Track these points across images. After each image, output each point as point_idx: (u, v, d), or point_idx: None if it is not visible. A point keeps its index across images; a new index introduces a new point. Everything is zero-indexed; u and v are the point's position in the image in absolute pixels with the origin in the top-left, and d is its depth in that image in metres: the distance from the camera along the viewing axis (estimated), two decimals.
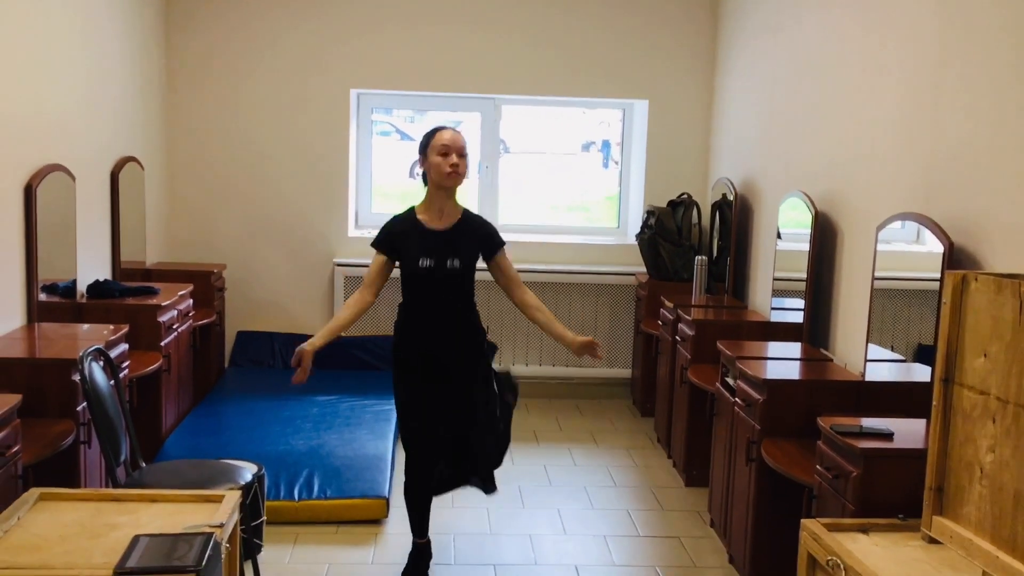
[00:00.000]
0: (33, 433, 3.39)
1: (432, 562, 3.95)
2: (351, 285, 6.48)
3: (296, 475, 4.55)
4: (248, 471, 3.62)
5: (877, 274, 3.87)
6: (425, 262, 3.60)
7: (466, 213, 3.74)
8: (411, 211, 3.73)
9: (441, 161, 3.59)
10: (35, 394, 3.51)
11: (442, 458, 3.82)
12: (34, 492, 2.86)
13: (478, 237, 3.69)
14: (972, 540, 2.18)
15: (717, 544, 4.31)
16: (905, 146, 3.80)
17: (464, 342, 3.72)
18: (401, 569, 3.94)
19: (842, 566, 2.64)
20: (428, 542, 3.96)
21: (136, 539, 2.54)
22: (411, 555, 3.93)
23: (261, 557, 3.81)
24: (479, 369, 3.75)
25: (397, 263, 3.72)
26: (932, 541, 2.50)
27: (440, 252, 3.60)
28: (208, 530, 2.61)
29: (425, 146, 3.67)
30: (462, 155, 3.62)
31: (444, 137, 3.62)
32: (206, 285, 5.84)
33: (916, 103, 3.73)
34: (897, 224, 3.94)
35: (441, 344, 3.68)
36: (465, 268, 3.64)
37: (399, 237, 3.69)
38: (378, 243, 3.73)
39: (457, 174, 3.61)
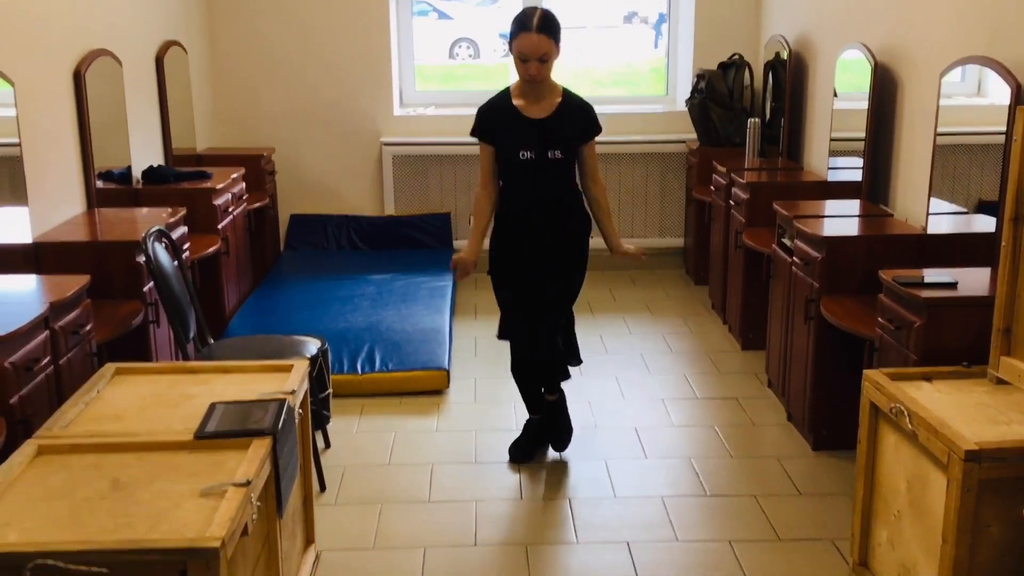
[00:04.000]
0: (103, 314, 3.48)
1: (501, 428, 4.02)
2: (399, 164, 6.47)
3: (358, 350, 4.64)
4: (313, 345, 3.71)
5: (938, 129, 3.76)
6: (526, 154, 3.49)
7: (566, 96, 3.58)
8: (506, 93, 3.58)
9: (521, 68, 3.46)
10: (102, 277, 3.59)
11: (544, 330, 3.73)
12: (110, 367, 2.95)
13: (578, 125, 3.56)
14: None
15: (775, 403, 4.35)
16: None
17: (569, 229, 3.65)
18: (466, 436, 4.06)
19: (906, 412, 2.66)
20: (542, 418, 3.90)
21: (213, 406, 2.62)
22: (525, 426, 3.94)
23: (330, 427, 3.94)
24: (580, 256, 3.73)
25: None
26: (1000, 383, 2.49)
27: (541, 143, 3.47)
28: (281, 396, 2.69)
29: (511, 40, 3.48)
30: (543, 60, 3.43)
31: (523, 45, 3.42)
32: (256, 169, 5.87)
33: None
34: (957, 78, 3.81)
35: (544, 233, 3.61)
36: (567, 156, 3.53)
37: (496, 124, 3.56)
38: (478, 133, 3.60)
39: (537, 79, 3.46)
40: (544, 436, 3.92)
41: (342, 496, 3.59)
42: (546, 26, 3.43)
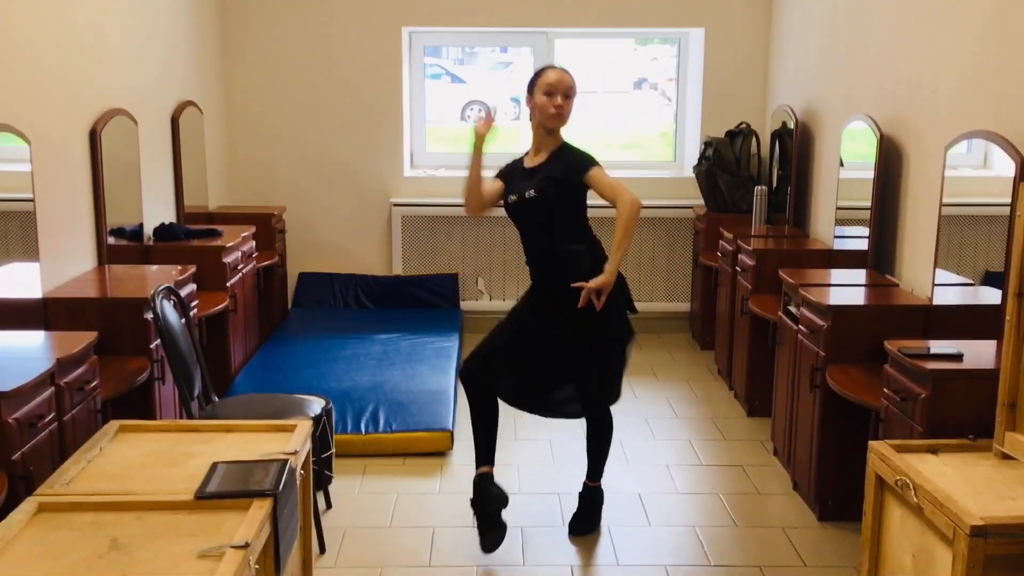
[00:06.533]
0: (109, 370, 3.50)
1: (505, 491, 3.90)
2: (408, 225, 6.52)
3: (362, 410, 4.64)
4: (317, 404, 3.71)
5: (944, 200, 3.79)
6: (512, 197, 3.64)
7: (564, 146, 3.65)
8: (524, 155, 3.76)
9: (546, 102, 3.54)
10: (109, 333, 3.60)
11: (522, 378, 3.75)
12: (114, 424, 2.95)
13: (561, 166, 3.59)
14: None
15: (780, 471, 4.31)
16: (974, 62, 3.69)
17: (562, 276, 3.58)
18: (469, 498, 4.02)
19: (911, 486, 2.63)
20: (488, 473, 3.71)
21: (215, 466, 2.62)
22: (474, 490, 3.78)
23: (332, 488, 3.92)
24: (588, 308, 3.53)
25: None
26: (1005, 457, 2.48)
27: (523, 186, 3.61)
28: (283, 457, 2.69)
29: (532, 84, 3.61)
30: (568, 96, 3.56)
31: (551, 77, 3.56)
32: (267, 227, 5.93)
33: (985, 16, 3.61)
34: (963, 149, 3.84)
35: (542, 278, 3.68)
36: (542, 196, 3.55)
37: (508, 174, 3.74)
38: (499, 173, 3.78)
39: (560, 116, 3.56)
40: (492, 498, 3.68)
41: (342, 559, 3.56)
42: (568, 71, 3.63)
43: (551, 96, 3.54)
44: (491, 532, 3.62)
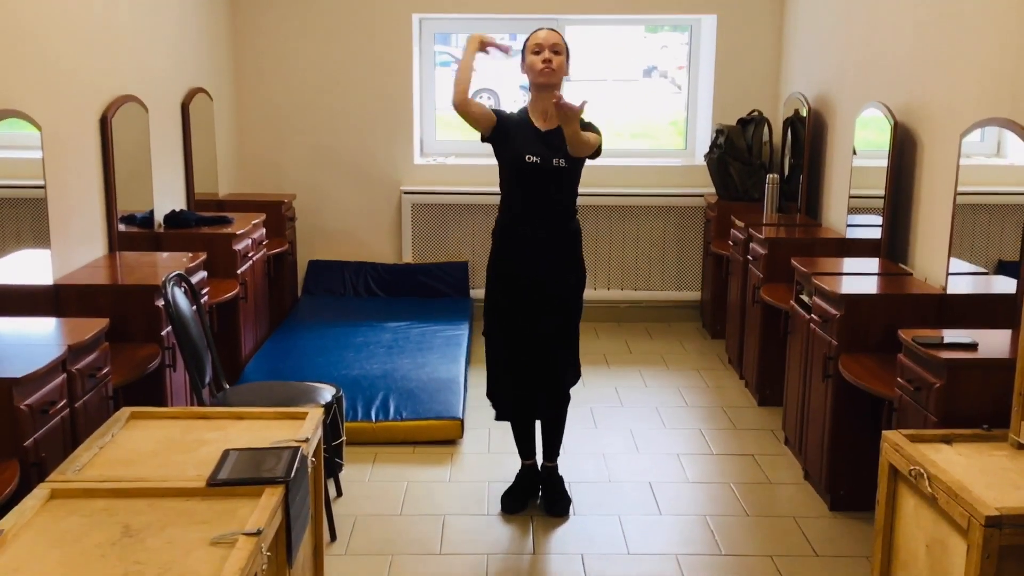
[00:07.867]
0: (120, 357, 3.50)
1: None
2: (418, 212, 6.51)
3: (372, 398, 4.64)
4: (327, 392, 3.71)
5: (958, 189, 3.76)
6: (532, 158, 3.60)
7: None
8: (523, 109, 3.75)
9: (535, 59, 3.61)
10: (120, 320, 3.60)
11: (530, 375, 3.80)
12: (125, 411, 2.95)
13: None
14: None
15: (792, 461, 4.30)
16: (989, 49, 3.65)
17: (566, 251, 3.71)
18: (479, 487, 4.03)
19: (925, 475, 2.62)
20: (534, 464, 3.96)
21: (226, 453, 2.61)
22: (517, 474, 3.97)
23: (342, 475, 3.92)
24: (576, 287, 3.76)
25: (492, 146, 3.72)
26: (1021, 447, 2.46)
27: (546, 150, 3.61)
28: (294, 444, 2.68)
29: (523, 49, 3.69)
30: (556, 51, 3.61)
31: (538, 36, 3.63)
32: (277, 215, 5.92)
33: (1002, 2, 3.57)
34: (976, 137, 3.81)
35: (543, 249, 3.67)
36: (571, 167, 3.63)
37: (511, 124, 3.69)
38: (497, 115, 3.70)
39: (550, 70, 3.59)
40: (536, 487, 3.94)
41: (352, 546, 3.56)
42: (556, 30, 3.69)
43: (538, 53, 3.60)
44: (517, 502, 3.87)
